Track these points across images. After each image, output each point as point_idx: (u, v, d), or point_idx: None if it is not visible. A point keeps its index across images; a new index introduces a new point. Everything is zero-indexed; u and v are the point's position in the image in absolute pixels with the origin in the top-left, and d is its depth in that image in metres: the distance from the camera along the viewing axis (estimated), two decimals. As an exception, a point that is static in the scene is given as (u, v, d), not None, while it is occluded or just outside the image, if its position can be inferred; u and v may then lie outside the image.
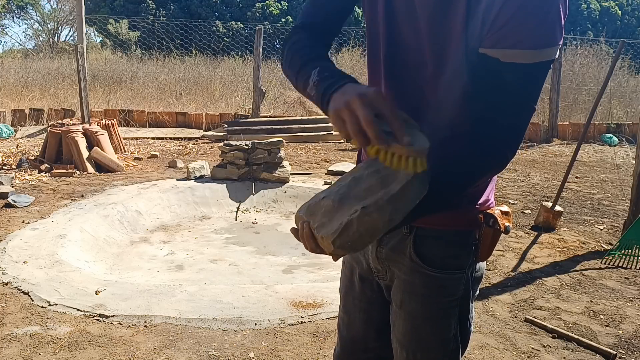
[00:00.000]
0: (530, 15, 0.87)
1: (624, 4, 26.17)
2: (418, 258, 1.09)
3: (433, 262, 1.08)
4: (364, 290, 1.25)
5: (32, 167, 6.09)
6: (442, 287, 1.09)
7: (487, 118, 0.94)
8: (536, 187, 5.74)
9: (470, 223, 1.08)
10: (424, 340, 1.13)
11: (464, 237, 1.08)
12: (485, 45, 0.92)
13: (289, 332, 2.53)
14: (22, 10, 22.51)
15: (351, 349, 1.32)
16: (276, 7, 22.53)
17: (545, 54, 0.89)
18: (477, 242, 1.09)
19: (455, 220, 1.07)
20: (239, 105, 10.80)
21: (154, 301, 2.79)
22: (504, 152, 0.96)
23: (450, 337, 1.12)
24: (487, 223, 1.07)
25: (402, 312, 1.14)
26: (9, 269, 3.18)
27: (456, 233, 1.08)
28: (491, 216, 1.07)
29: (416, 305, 1.12)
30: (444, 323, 1.11)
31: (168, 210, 4.88)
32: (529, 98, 0.93)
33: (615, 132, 9.33)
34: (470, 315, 1.15)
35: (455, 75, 0.98)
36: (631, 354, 2.42)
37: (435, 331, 1.12)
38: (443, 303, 1.10)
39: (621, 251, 3.52)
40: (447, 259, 1.08)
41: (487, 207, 1.10)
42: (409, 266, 1.11)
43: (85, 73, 7.50)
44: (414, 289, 1.11)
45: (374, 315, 1.26)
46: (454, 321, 1.11)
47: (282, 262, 3.85)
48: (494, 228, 1.07)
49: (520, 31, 0.88)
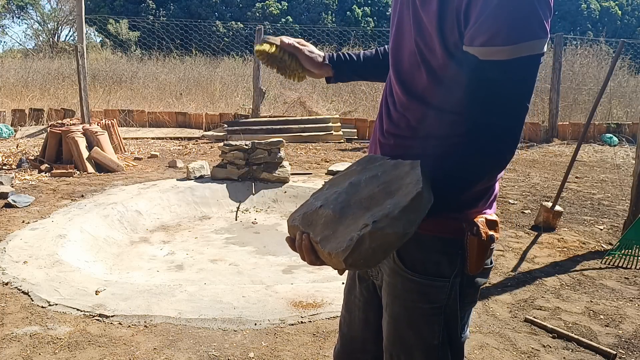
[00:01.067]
0: (502, 11, 0.85)
1: (624, 4, 26.16)
2: (400, 261, 1.07)
3: (413, 266, 1.06)
4: (362, 290, 1.25)
5: (32, 167, 6.09)
6: (423, 292, 1.06)
7: (480, 118, 0.93)
8: (536, 187, 5.74)
9: (453, 230, 1.03)
10: (407, 344, 1.11)
11: (447, 244, 1.04)
12: (465, 43, 0.91)
13: (289, 332, 2.53)
14: (22, 10, 22.51)
15: (350, 348, 1.32)
16: (276, 7, 22.52)
17: (524, 48, 0.86)
18: (463, 252, 1.04)
19: (438, 226, 1.03)
20: (239, 105, 10.80)
21: (154, 301, 2.79)
22: (501, 152, 0.93)
23: (435, 344, 1.08)
24: (470, 231, 1.02)
25: (387, 315, 1.13)
26: (9, 269, 3.18)
27: (437, 239, 1.04)
28: (474, 224, 1.02)
29: (399, 308, 1.10)
30: (427, 329, 1.08)
31: (168, 210, 4.88)
32: (517, 96, 0.90)
33: (615, 132, 9.33)
34: (463, 323, 1.11)
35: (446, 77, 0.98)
36: (631, 354, 2.42)
37: (417, 336, 1.09)
38: (424, 309, 1.07)
39: (621, 251, 3.52)
40: (428, 264, 1.05)
41: (476, 213, 1.04)
42: (392, 268, 1.10)
43: (85, 73, 7.50)
44: (396, 292, 1.10)
45: (371, 317, 1.25)
46: (438, 329, 1.08)
47: (282, 262, 3.85)
48: (478, 237, 1.01)
49: (492, 27, 0.86)
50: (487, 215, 1.04)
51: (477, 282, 1.10)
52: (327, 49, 13.86)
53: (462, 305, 1.09)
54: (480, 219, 1.02)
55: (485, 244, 1.01)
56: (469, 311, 1.13)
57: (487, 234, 1.01)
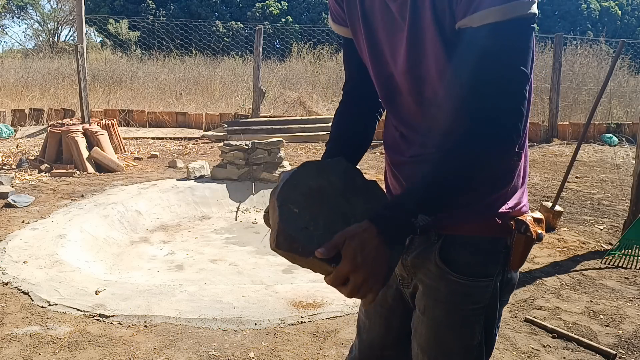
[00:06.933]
0: None
1: (624, 4, 26.16)
2: (444, 264, 1.06)
3: (459, 269, 1.05)
4: (386, 297, 1.24)
5: (32, 167, 6.09)
6: (468, 294, 1.06)
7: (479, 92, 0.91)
8: (536, 187, 5.74)
9: (501, 230, 1.04)
10: (447, 347, 1.10)
11: (493, 244, 1.05)
12: (457, 20, 0.91)
13: (289, 332, 2.53)
14: (22, 10, 22.51)
15: (368, 354, 1.31)
16: (276, 7, 22.52)
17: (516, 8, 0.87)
18: (507, 250, 1.05)
19: (485, 227, 1.04)
20: (239, 105, 10.79)
21: (154, 301, 2.79)
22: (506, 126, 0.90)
23: (474, 344, 1.09)
24: (518, 230, 1.03)
25: (426, 319, 1.12)
26: (9, 269, 3.18)
27: (485, 240, 1.05)
28: (523, 223, 1.03)
29: (440, 312, 1.09)
30: (468, 330, 1.09)
31: (168, 210, 4.88)
32: (513, 59, 0.89)
33: (615, 132, 9.32)
34: (497, 323, 1.13)
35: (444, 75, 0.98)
36: (631, 354, 2.42)
37: (458, 338, 1.09)
38: (468, 310, 1.07)
39: (621, 251, 3.52)
40: (474, 265, 1.05)
41: (519, 211, 1.06)
42: (435, 272, 1.08)
43: (85, 73, 7.50)
44: (438, 296, 1.09)
45: (393, 323, 1.24)
46: (479, 329, 1.08)
47: (282, 262, 3.85)
48: (525, 235, 1.03)
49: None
50: (533, 214, 1.07)
51: (513, 278, 1.12)
52: (327, 49, 13.85)
53: (500, 303, 1.11)
54: (528, 218, 1.04)
55: (532, 242, 1.04)
56: (502, 310, 1.15)
57: (536, 232, 1.03)
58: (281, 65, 13.73)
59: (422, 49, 0.98)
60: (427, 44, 0.97)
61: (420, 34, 0.97)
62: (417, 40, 0.98)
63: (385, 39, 1.05)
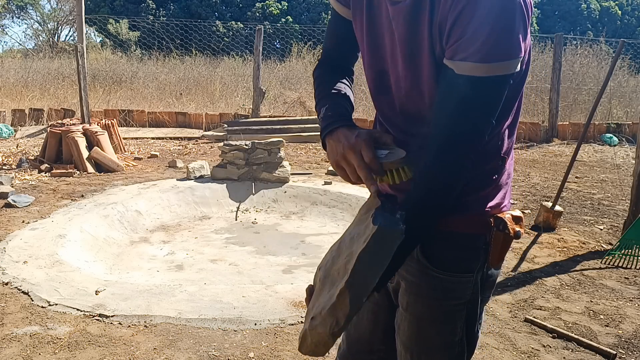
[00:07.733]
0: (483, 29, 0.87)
1: (624, 4, 26.15)
2: (425, 260, 1.09)
3: (441, 264, 1.08)
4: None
5: (32, 167, 6.09)
6: (449, 289, 1.09)
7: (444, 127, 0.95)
8: (536, 187, 5.74)
9: (480, 226, 1.07)
10: (429, 342, 1.13)
11: (473, 240, 1.08)
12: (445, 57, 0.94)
13: (289, 332, 2.53)
14: (22, 10, 22.50)
15: (356, 349, 1.32)
16: (276, 7, 22.51)
17: (500, 67, 0.89)
18: (487, 247, 1.08)
19: (466, 223, 1.07)
20: (239, 105, 10.79)
21: (154, 301, 2.79)
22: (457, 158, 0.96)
23: (455, 340, 1.11)
24: (497, 227, 1.06)
25: (408, 315, 1.14)
26: (9, 269, 3.18)
27: (465, 236, 1.08)
28: (501, 220, 1.06)
29: (422, 307, 1.11)
30: (450, 326, 1.11)
31: (168, 210, 4.88)
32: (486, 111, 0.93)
33: (615, 132, 9.32)
34: (479, 320, 1.15)
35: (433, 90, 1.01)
36: (631, 354, 2.42)
37: (440, 334, 1.11)
38: (449, 306, 1.10)
39: (621, 251, 3.52)
40: (455, 261, 1.08)
41: (500, 210, 1.09)
42: (417, 268, 1.10)
43: (85, 73, 7.50)
44: (420, 291, 1.11)
45: (381, 318, 1.26)
46: (460, 325, 1.11)
47: (282, 262, 3.85)
48: (504, 233, 1.06)
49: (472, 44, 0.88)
50: (512, 212, 1.09)
51: (493, 275, 1.14)
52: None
53: (481, 299, 1.13)
54: (507, 215, 1.07)
55: (510, 239, 1.07)
56: (483, 306, 1.16)
57: (514, 229, 1.06)
58: (281, 65, 13.73)
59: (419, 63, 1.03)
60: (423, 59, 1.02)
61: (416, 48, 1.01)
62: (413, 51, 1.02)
63: (388, 39, 1.07)
